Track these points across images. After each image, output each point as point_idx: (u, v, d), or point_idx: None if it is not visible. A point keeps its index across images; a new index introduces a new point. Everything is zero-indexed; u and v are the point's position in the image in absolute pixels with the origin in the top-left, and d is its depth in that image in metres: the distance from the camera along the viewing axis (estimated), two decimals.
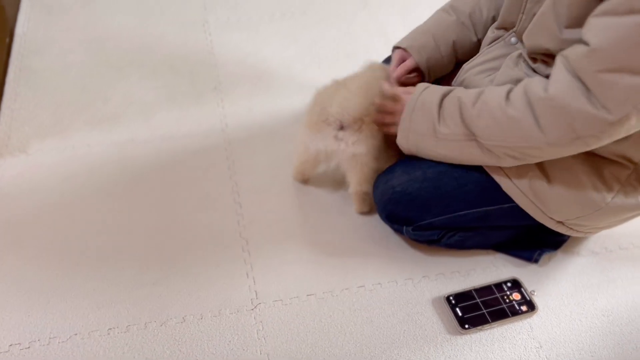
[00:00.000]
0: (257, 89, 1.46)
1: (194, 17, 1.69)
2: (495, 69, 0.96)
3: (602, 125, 0.74)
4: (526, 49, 0.89)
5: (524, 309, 1.01)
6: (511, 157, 0.86)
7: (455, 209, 0.99)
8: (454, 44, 1.08)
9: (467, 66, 1.04)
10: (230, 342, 0.97)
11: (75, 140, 1.31)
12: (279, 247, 1.11)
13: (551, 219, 0.96)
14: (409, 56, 1.09)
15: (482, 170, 0.96)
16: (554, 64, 0.79)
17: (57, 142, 1.31)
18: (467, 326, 0.98)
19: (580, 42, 0.74)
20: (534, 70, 0.88)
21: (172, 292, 1.03)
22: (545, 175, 0.91)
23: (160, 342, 0.96)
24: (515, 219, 0.99)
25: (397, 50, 1.12)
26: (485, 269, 1.09)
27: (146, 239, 1.11)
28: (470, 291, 1.04)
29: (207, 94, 1.44)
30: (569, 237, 1.11)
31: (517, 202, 0.95)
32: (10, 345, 0.95)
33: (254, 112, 1.39)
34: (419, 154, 0.98)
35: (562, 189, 0.91)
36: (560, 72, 0.77)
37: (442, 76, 1.13)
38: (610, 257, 1.12)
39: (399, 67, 1.08)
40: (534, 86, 0.80)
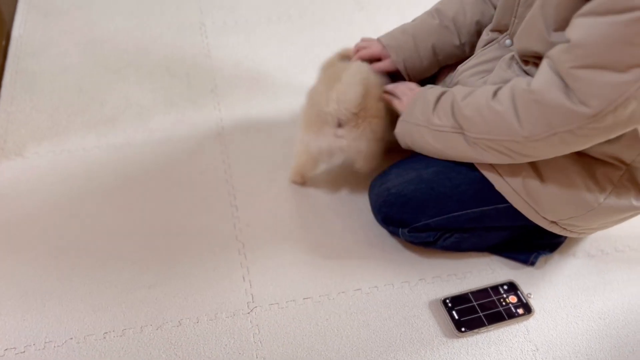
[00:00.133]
0: (254, 92, 1.46)
1: (190, 19, 1.69)
2: (489, 70, 0.97)
3: (578, 120, 0.75)
4: (517, 52, 0.90)
5: (521, 311, 1.02)
6: (495, 150, 0.88)
7: (450, 210, 0.99)
8: (434, 47, 1.10)
9: (461, 68, 1.04)
10: (226, 345, 0.96)
11: (71, 143, 1.31)
12: (275, 250, 1.11)
13: (544, 218, 0.96)
14: (387, 55, 1.11)
15: (477, 170, 0.96)
16: (541, 64, 0.81)
17: (53, 145, 1.30)
18: (463, 329, 0.99)
19: (565, 41, 0.76)
20: (526, 72, 0.89)
21: (168, 296, 1.03)
22: (538, 175, 0.92)
23: (156, 346, 0.96)
24: (510, 220, 0.99)
25: (377, 42, 1.14)
26: (481, 272, 1.09)
27: (142, 242, 1.11)
28: (466, 294, 1.04)
29: (204, 97, 1.44)
30: (565, 239, 1.12)
31: (510, 201, 0.95)
32: (5, 349, 0.95)
33: (250, 115, 1.39)
34: (413, 146, 1.01)
35: (555, 189, 0.91)
36: (543, 68, 0.79)
37: (425, 78, 1.15)
38: (606, 259, 1.12)
39: (365, 52, 1.14)
40: (520, 82, 0.82)
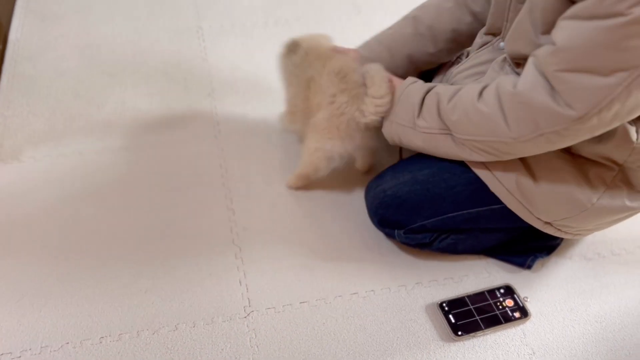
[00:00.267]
0: (251, 96, 1.46)
1: (187, 23, 1.69)
2: (482, 73, 0.98)
3: (564, 122, 0.76)
4: (508, 54, 0.90)
5: (517, 315, 1.02)
6: (483, 151, 0.88)
7: (445, 211, 0.99)
8: (409, 57, 1.12)
9: (455, 70, 1.05)
10: (222, 350, 0.96)
11: (68, 147, 1.31)
12: (272, 254, 1.11)
13: (539, 219, 0.96)
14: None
15: (472, 172, 0.96)
16: (527, 63, 0.81)
17: (50, 149, 1.30)
18: (460, 333, 0.98)
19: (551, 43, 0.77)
20: (518, 74, 0.88)
21: (165, 300, 1.03)
22: (531, 175, 0.92)
23: (152, 351, 0.96)
24: (505, 221, 1.00)
25: (355, 51, 1.14)
26: (478, 275, 1.09)
27: (139, 246, 1.11)
28: (463, 298, 1.04)
29: (201, 101, 1.44)
30: (561, 241, 1.12)
31: (504, 202, 0.95)
32: (1, 354, 0.94)
33: (247, 119, 1.39)
34: (401, 144, 1.01)
35: (549, 189, 0.92)
36: (528, 69, 0.79)
37: (425, 71, 1.16)
38: (602, 262, 1.12)
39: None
40: (505, 83, 0.82)
